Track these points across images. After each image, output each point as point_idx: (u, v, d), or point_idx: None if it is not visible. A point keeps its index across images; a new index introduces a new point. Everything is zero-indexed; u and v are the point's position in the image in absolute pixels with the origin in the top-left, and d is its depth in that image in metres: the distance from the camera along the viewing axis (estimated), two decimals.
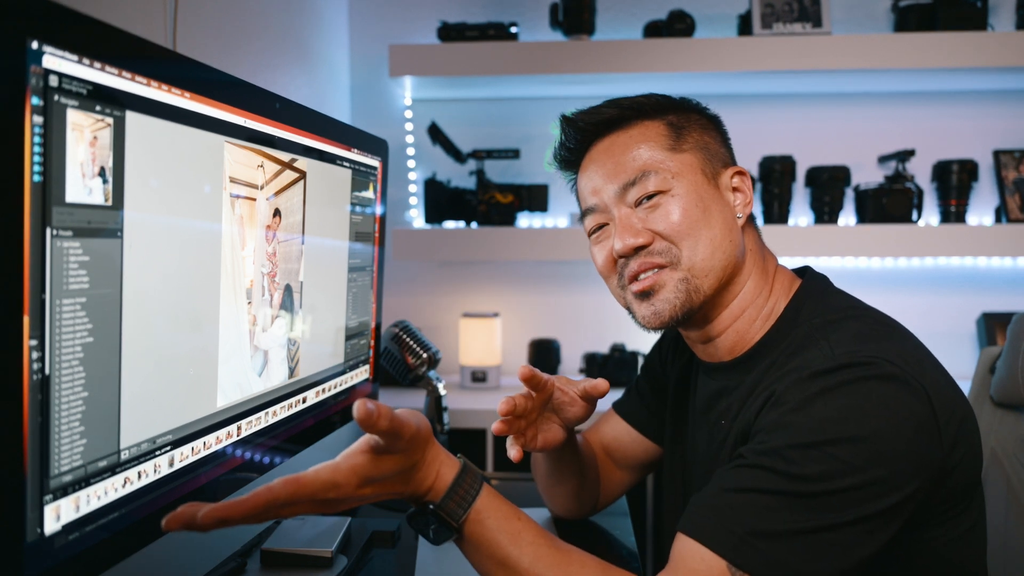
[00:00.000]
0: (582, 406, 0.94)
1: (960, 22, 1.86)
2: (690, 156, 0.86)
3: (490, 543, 0.70)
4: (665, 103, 0.90)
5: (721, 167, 0.89)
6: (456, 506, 0.70)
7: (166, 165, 0.67)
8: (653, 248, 0.84)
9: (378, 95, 2.20)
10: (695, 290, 0.83)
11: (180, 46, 1.16)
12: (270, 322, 0.89)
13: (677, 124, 0.88)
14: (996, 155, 2.04)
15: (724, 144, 0.91)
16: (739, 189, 0.89)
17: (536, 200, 2.02)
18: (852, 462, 0.68)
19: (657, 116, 0.88)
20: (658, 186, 0.84)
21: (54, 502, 0.57)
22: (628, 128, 0.88)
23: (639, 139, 0.87)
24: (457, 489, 0.70)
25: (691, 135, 0.88)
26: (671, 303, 0.84)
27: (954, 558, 0.77)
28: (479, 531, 0.70)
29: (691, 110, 0.91)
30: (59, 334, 0.55)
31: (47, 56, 0.53)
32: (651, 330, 0.87)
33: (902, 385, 0.71)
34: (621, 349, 2.06)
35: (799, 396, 0.73)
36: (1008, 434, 1.17)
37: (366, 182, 1.14)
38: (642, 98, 0.89)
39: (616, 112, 0.88)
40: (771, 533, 0.67)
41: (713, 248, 0.83)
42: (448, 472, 0.71)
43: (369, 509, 1.27)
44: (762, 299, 0.88)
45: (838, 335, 0.78)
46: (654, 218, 0.84)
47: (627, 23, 2.12)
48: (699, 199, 0.84)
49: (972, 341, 2.11)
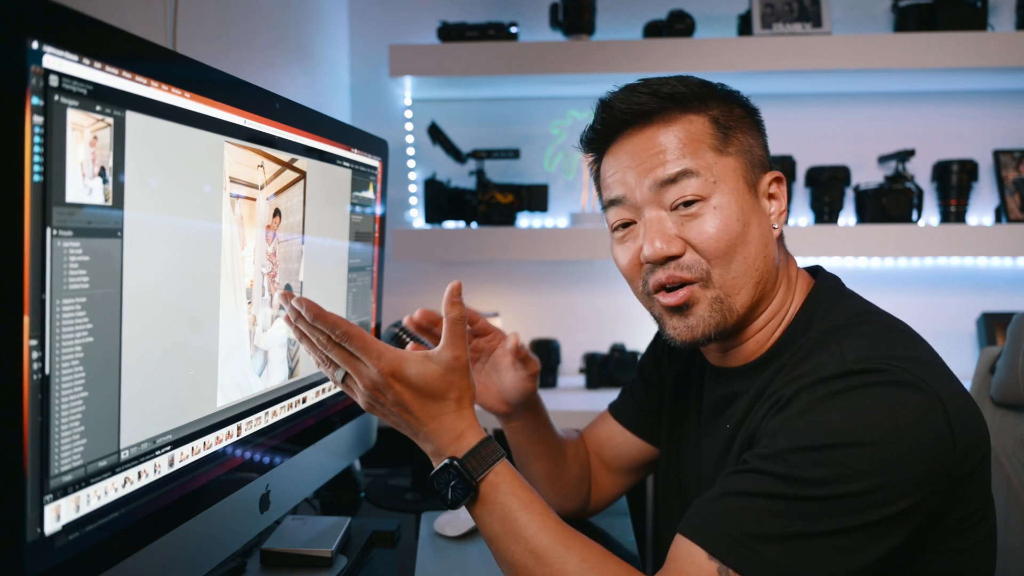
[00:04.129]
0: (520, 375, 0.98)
1: (960, 22, 1.86)
2: (734, 161, 0.81)
3: (502, 506, 0.73)
4: (708, 92, 0.83)
5: (761, 172, 0.83)
6: (476, 465, 0.74)
7: (166, 165, 0.67)
8: (683, 261, 0.80)
9: (378, 95, 2.20)
10: (729, 309, 0.80)
11: (180, 46, 1.16)
12: (270, 322, 0.89)
13: (723, 122, 0.81)
14: (996, 155, 2.04)
15: (763, 144, 0.85)
16: (775, 196, 0.84)
17: (536, 200, 2.02)
18: (856, 467, 0.67)
19: (702, 110, 0.81)
20: (698, 191, 0.79)
21: (54, 502, 0.57)
22: (670, 121, 0.81)
23: (682, 135, 0.80)
24: (479, 451, 0.75)
25: (736, 135, 0.81)
26: (706, 321, 0.81)
27: (967, 568, 0.76)
28: (493, 494, 0.74)
29: (734, 102, 0.84)
30: (59, 334, 0.55)
31: (47, 56, 0.53)
32: (681, 344, 0.83)
33: (915, 391, 0.69)
34: (621, 349, 2.06)
35: (805, 401, 0.72)
36: (1008, 434, 1.17)
37: (366, 182, 1.14)
38: (683, 87, 0.81)
39: (657, 104, 0.81)
40: (767, 536, 0.66)
41: (747, 267, 0.80)
42: (473, 436, 0.76)
43: (369, 509, 1.27)
44: (784, 309, 0.85)
45: (850, 341, 0.76)
46: (690, 228, 0.79)
47: (627, 23, 2.12)
48: (740, 211, 0.79)
49: (972, 341, 2.11)
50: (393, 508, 1.26)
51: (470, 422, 0.76)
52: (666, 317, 0.83)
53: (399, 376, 0.73)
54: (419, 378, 0.74)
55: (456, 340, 0.76)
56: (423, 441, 0.77)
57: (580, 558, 0.71)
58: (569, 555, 0.71)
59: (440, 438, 0.75)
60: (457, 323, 0.76)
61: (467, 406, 0.77)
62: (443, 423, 0.75)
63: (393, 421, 0.77)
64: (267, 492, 0.89)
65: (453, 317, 0.76)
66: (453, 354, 0.75)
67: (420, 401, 0.74)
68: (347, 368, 0.75)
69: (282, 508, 0.94)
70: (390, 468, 1.48)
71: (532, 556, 0.71)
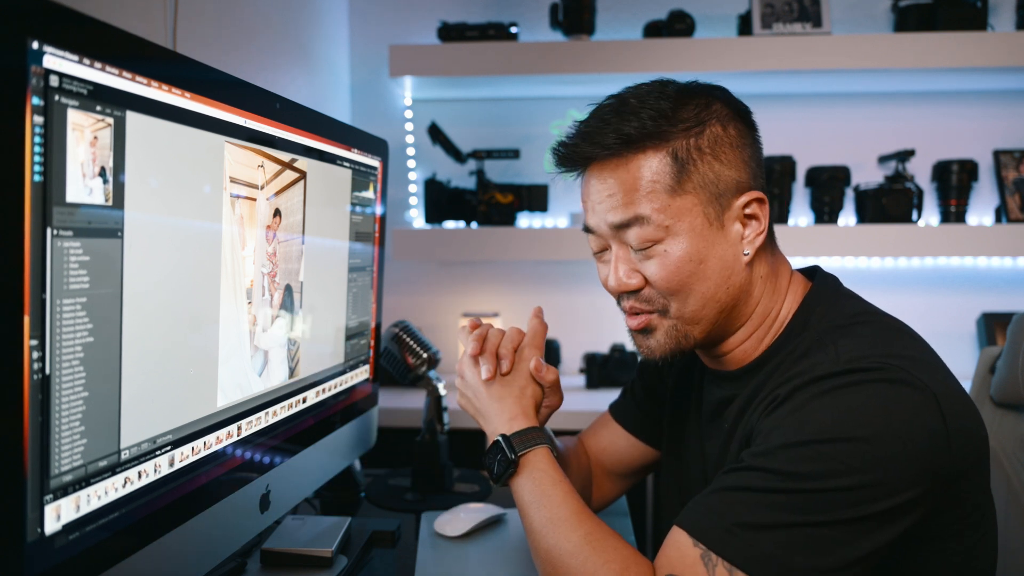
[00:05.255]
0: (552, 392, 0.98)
1: (960, 22, 1.86)
2: (692, 199, 0.79)
3: (535, 480, 0.82)
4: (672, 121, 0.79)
5: (732, 197, 0.81)
6: (520, 443, 0.84)
7: (166, 165, 0.67)
8: (643, 295, 0.83)
9: (378, 95, 2.20)
10: (684, 336, 0.84)
11: (180, 46, 1.16)
12: (270, 322, 0.89)
13: (683, 156, 0.79)
14: (996, 155, 2.04)
15: (744, 161, 0.82)
16: (754, 216, 0.82)
17: (536, 200, 2.02)
18: (849, 463, 0.67)
19: (660, 146, 0.79)
20: (649, 236, 0.80)
21: (54, 502, 0.57)
22: (626, 162, 0.80)
23: (637, 177, 0.79)
24: (526, 433, 0.85)
25: (698, 168, 0.79)
26: (662, 346, 0.85)
27: (967, 568, 0.76)
28: (530, 470, 0.83)
29: (711, 116, 0.81)
30: (59, 334, 0.55)
31: (48, 56, 0.53)
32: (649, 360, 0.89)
33: (909, 389, 0.70)
34: (621, 349, 2.06)
35: (800, 399, 0.73)
36: (1008, 434, 1.17)
37: (366, 182, 1.14)
38: (651, 121, 0.79)
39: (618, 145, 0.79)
40: (756, 524, 0.68)
41: (704, 301, 0.82)
42: (524, 421, 0.87)
43: (369, 509, 1.27)
44: (772, 316, 0.86)
45: (846, 340, 0.76)
46: (646, 266, 0.82)
47: (627, 23, 2.12)
48: (694, 251, 0.79)
49: (972, 341, 2.11)
50: (393, 508, 1.26)
51: (525, 410, 0.88)
52: (633, 335, 0.89)
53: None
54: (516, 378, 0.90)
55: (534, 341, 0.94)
56: (485, 420, 0.89)
57: (586, 531, 0.77)
58: (578, 527, 0.77)
59: (499, 417, 0.87)
60: (539, 328, 0.95)
61: (529, 396, 0.89)
62: (504, 405, 0.88)
63: (467, 398, 0.92)
64: (267, 492, 0.89)
65: (536, 323, 0.96)
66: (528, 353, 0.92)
67: (489, 384, 0.89)
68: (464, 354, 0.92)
69: (282, 508, 0.94)
70: (390, 468, 1.48)
71: (548, 523, 0.79)
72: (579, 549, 0.75)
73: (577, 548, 0.75)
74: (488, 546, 1.05)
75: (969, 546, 0.76)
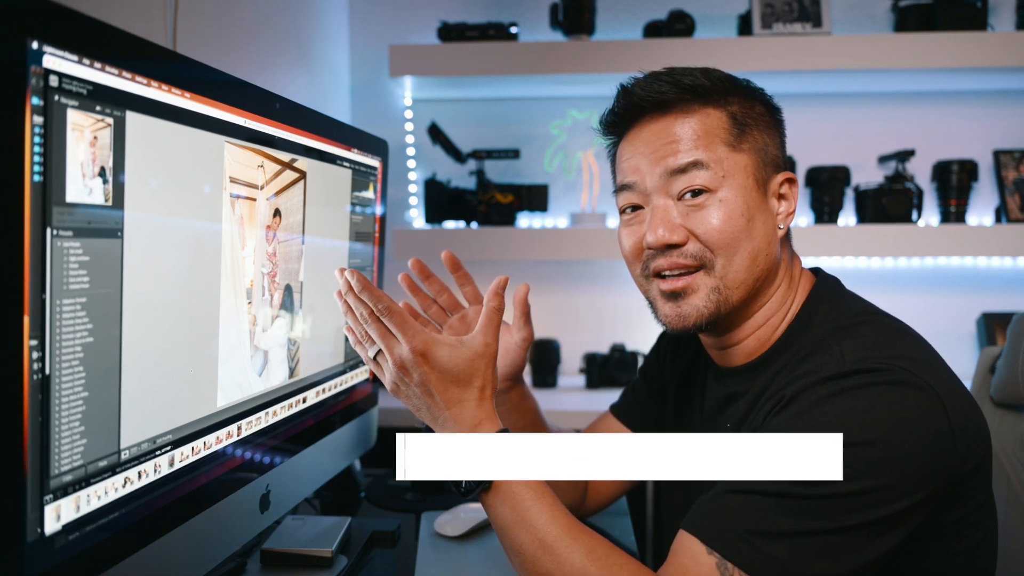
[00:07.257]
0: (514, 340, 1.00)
1: (960, 22, 1.86)
2: (746, 158, 0.82)
3: (514, 495, 0.74)
4: (730, 87, 0.84)
5: (773, 171, 0.84)
6: None
7: (166, 165, 0.67)
8: (686, 250, 0.81)
9: (378, 95, 2.20)
10: (724, 300, 0.82)
11: (180, 46, 1.16)
12: (270, 322, 0.89)
13: (741, 118, 0.82)
14: (996, 155, 2.04)
15: (780, 144, 0.87)
16: (785, 197, 0.85)
17: (536, 200, 2.02)
18: (856, 467, 0.67)
19: (721, 104, 0.83)
20: (706, 183, 0.80)
21: (54, 502, 0.57)
22: (688, 113, 0.82)
23: (698, 127, 0.81)
24: None
25: (752, 133, 0.83)
26: (699, 309, 0.82)
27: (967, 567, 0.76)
28: (506, 483, 0.74)
29: (755, 99, 0.85)
30: (59, 334, 0.55)
31: (47, 56, 0.53)
32: (671, 331, 0.85)
33: (915, 391, 0.70)
34: (621, 349, 2.06)
35: (806, 401, 0.72)
36: (1008, 434, 1.17)
37: (366, 182, 1.14)
38: (706, 79, 0.82)
39: (676, 95, 0.82)
40: (769, 533, 0.67)
41: (751, 261, 0.81)
42: (491, 426, 0.77)
43: (369, 509, 1.27)
44: (786, 307, 0.86)
45: (850, 341, 0.76)
46: (695, 218, 0.81)
47: (627, 23, 2.12)
48: (745, 207, 0.81)
49: (972, 341, 2.11)
50: (393, 508, 1.26)
51: (489, 413, 0.78)
52: (660, 302, 0.85)
53: (429, 356, 0.75)
54: (447, 360, 0.76)
55: (490, 329, 0.78)
56: (441, 426, 0.78)
57: (587, 549, 0.71)
58: (576, 546, 0.71)
59: (459, 425, 0.77)
60: (495, 313, 0.79)
61: (488, 397, 0.78)
62: (464, 410, 0.77)
63: (415, 404, 0.78)
64: (267, 492, 0.89)
65: (493, 306, 0.79)
66: (484, 341, 0.78)
67: (444, 385, 0.76)
68: (381, 343, 0.76)
69: (282, 508, 0.94)
70: (390, 468, 1.48)
71: (540, 546, 0.72)
72: (583, 570, 0.70)
73: (581, 569, 0.70)
74: (488, 546, 1.05)
75: (970, 546, 0.76)
